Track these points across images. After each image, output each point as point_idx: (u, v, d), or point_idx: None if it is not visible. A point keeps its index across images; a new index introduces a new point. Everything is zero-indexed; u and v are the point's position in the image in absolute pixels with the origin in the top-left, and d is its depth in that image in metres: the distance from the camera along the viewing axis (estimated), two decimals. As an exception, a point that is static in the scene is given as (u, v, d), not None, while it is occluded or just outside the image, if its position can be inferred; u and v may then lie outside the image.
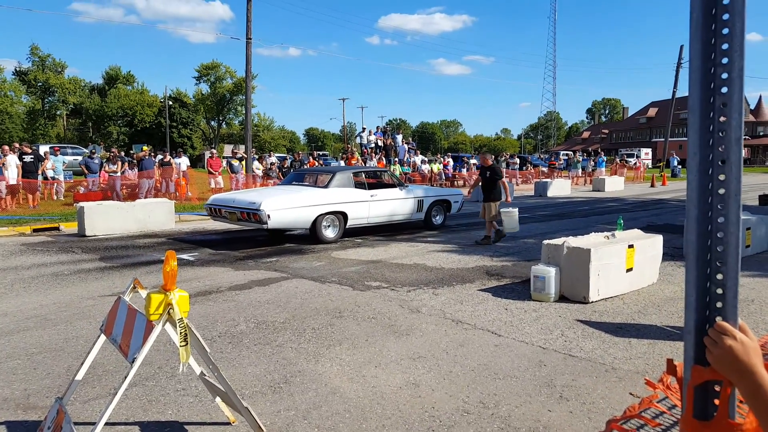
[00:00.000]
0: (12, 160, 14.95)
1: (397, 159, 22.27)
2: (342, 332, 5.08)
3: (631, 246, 6.21)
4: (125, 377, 2.45)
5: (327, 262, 8.33)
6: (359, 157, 21.35)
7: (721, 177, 0.93)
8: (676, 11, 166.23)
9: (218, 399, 3.29)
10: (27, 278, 7.28)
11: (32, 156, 16.10)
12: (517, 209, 9.93)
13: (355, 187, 10.68)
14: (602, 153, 34.38)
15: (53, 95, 59.85)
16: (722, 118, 0.95)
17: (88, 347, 4.59)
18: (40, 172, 15.98)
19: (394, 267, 8.03)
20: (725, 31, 0.96)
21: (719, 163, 0.93)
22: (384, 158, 22.16)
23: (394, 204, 11.09)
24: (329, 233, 10.11)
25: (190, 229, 12.14)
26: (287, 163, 21.32)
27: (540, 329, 5.11)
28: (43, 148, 20.70)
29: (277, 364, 4.30)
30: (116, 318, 2.73)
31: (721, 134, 0.94)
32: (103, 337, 2.83)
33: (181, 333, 2.48)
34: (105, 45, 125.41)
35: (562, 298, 6.02)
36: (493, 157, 12.01)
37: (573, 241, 6.06)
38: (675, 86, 35.50)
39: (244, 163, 19.83)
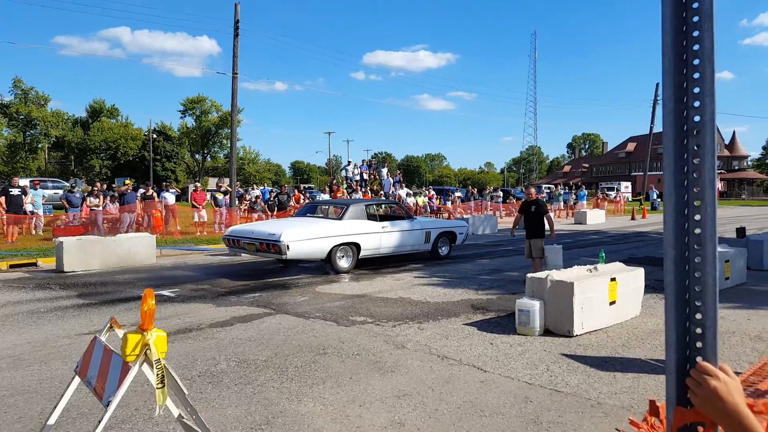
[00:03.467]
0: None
1: (382, 192, 22.37)
2: (326, 370, 4.99)
3: (613, 279, 6.25)
4: (99, 421, 2.37)
5: (311, 297, 8.24)
6: (345, 191, 21.40)
7: (697, 217, 0.94)
8: (653, 49, 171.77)
9: (196, 442, 3.18)
10: (1, 316, 7.07)
11: (19, 189, 15.88)
12: (561, 246, 9.78)
13: (368, 218, 10.92)
14: (583, 186, 34.96)
15: (35, 128, 59.50)
16: (696, 160, 0.97)
17: (63, 389, 4.44)
18: (24, 206, 15.75)
19: (379, 301, 7.97)
20: (696, 75, 0.99)
21: (694, 203, 0.95)
22: (369, 192, 22.25)
23: (403, 235, 11.40)
24: (343, 263, 10.35)
25: (171, 263, 11.97)
26: (273, 196, 21.24)
27: (525, 364, 5.08)
28: (23, 182, 20.41)
29: (259, 405, 4.20)
30: (91, 359, 2.65)
31: (695, 175, 0.96)
32: (77, 379, 2.73)
33: (157, 375, 2.40)
34: (89, 78, 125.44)
35: (546, 332, 6.00)
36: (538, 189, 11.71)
37: (556, 275, 6.08)
38: (652, 122, 36.47)
39: (228, 196, 19.75)
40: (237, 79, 19.87)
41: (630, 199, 47.64)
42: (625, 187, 54.19)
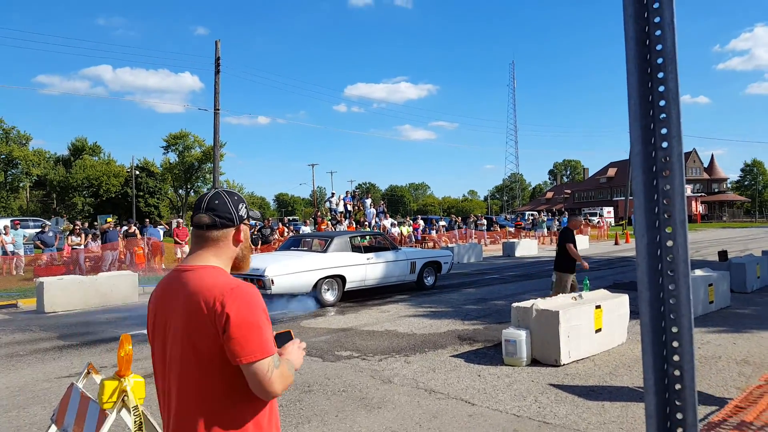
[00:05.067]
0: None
1: (366, 223, 22.36)
2: (311, 408, 4.89)
3: (598, 306, 6.26)
4: (75, 473, 2.29)
5: (296, 332, 8.12)
6: (329, 222, 21.36)
7: (669, 257, 0.96)
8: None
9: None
10: None
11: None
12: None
13: (353, 250, 10.87)
14: (566, 213, 35.26)
15: (16, 167, 58.88)
16: (666, 201, 0.98)
17: (39, 436, 4.31)
18: (0, 246, 15.50)
19: (364, 335, 7.88)
20: (663, 116, 1.01)
21: (667, 244, 0.96)
22: (354, 222, 22.22)
23: (389, 266, 11.35)
24: (329, 296, 10.27)
25: (154, 301, 11.77)
26: (256, 230, 21.09)
27: (513, 395, 5.03)
28: (3, 222, 20.12)
29: (243, 446, 4.08)
30: (68, 406, 2.57)
31: (666, 216, 0.97)
32: (54, 428, 2.65)
33: (135, 422, 2.34)
34: (71, 116, 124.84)
35: (534, 362, 5.97)
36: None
37: (541, 303, 6.08)
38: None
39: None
40: (219, 115, 20.00)
41: (613, 224, 48.15)
42: (608, 212, 54.86)
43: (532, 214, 42.43)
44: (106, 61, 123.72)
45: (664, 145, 1.01)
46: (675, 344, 0.94)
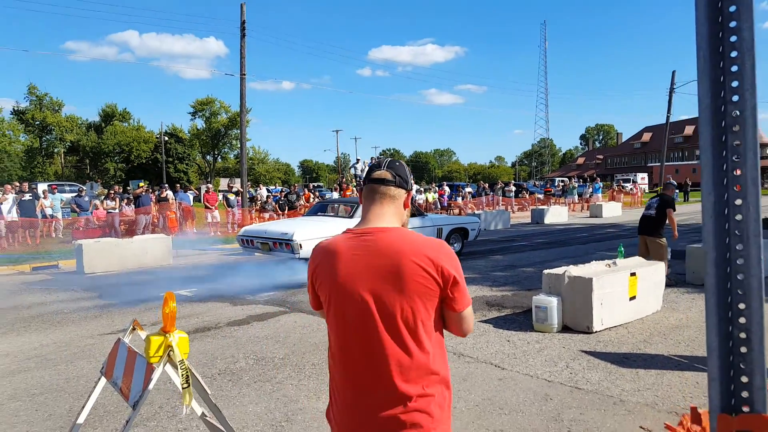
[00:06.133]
0: (11, 199, 14.98)
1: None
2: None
3: (633, 274, 6.18)
4: (127, 421, 2.39)
5: (326, 296, 8.24)
6: (354, 189, 21.38)
7: (738, 217, 0.92)
8: (668, 36, 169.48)
9: (219, 441, 3.20)
10: (27, 317, 7.21)
11: (30, 194, 16.16)
12: None
13: None
14: (598, 179, 34.49)
15: (51, 133, 60.26)
16: (735, 157, 0.94)
17: (89, 387, 4.51)
18: (38, 210, 15.98)
19: (394, 299, 7.95)
20: (734, 68, 0.95)
21: (735, 203, 0.92)
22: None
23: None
24: None
25: (187, 263, 12.05)
26: (284, 195, 21.31)
27: (544, 361, 5.04)
28: (42, 186, 20.71)
29: (278, 402, 4.22)
30: (116, 360, 2.67)
31: (735, 173, 0.94)
32: (103, 380, 2.76)
33: (182, 375, 2.43)
34: (101, 83, 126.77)
35: (564, 329, 5.96)
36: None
37: (574, 270, 6.02)
38: (669, 111, 35.68)
39: (240, 196, 19.84)
40: (245, 80, 19.92)
41: (647, 191, 46.92)
42: (642, 178, 53.26)
43: (562, 181, 41.67)
44: (133, 26, 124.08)
45: (735, 98, 0.96)
46: (741, 306, 0.92)
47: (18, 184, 16.91)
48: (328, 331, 1.81)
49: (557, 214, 22.85)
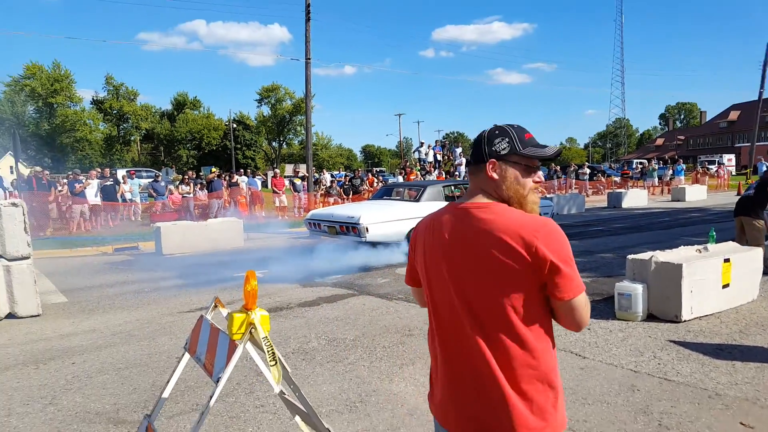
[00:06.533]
0: (95, 184, 15.90)
1: (456, 173, 21.93)
2: (413, 351, 4.92)
3: (727, 260, 5.72)
4: (211, 396, 2.40)
5: (392, 279, 8.21)
6: (418, 173, 21.21)
7: None
8: (759, 3, 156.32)
9: (297, 418, 3.19)
10: (111, 295, 7.60)
11: (112, 180, 17.09)
12: None
13: (446, 200, 10.75)
14: (680, 160, 32.47)
15: (127, 122, 63.64)
16: None
17: (170, 363, 4.68)
18: (119, 194, 16.88)
19: (463, 283, 7.80)
20: None
21: None
22: (444, 173, 21.90)
23: None
24: None
25: (258, 246, 12.35)
26: (348, 180, 21.47)
27: (629, 351, 4.76)
28: (121, 172, 21.88)
29: (351, 383, 4.20)
30: (199, 337, 2.70)
31: None
32: (187, 356, 2.80)
33: (268, 352, 2.41)
34: (172, 72, 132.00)
35: (649, 317, 5.61)
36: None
37: (661, 256, 5.64)
38: (762, 86, 32.78)
39: (305, 181, 20.15)
40: (310, 65, 20.05)
41: (734, 173, 43.80)
42: (729, 160, 49.68)
43: (640, 163, 39.57)
44: (200, 15, 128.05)
45: None
46: None
47: (99, 170, 17.88)
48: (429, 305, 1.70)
49: (636, 198, 21.71)
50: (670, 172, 28.72)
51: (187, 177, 18.32)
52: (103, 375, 4.54)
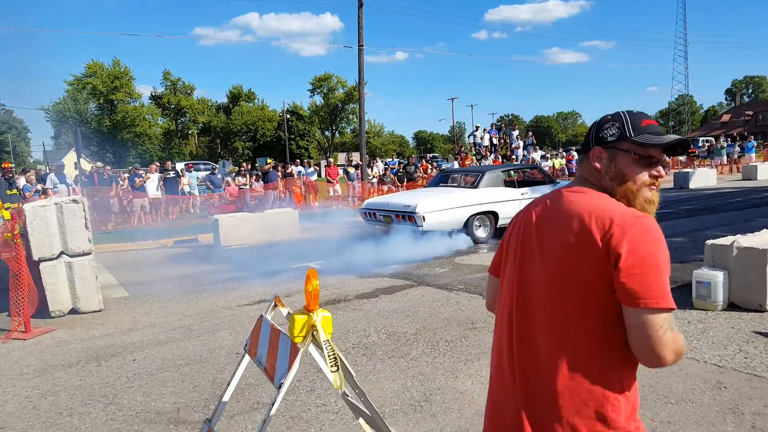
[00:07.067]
0: (155, 177, 16.39)
1: (513, 156, 21.35)
2: (478, 346, 4.74)
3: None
4: (273, 403, 2.32)
5: (451, 269, 8.02)
6: (474, 157, 20.76)
7: None
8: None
9: (361, 420, 3.10)
10: (171, 289, 7.71)
11: (174, 173, 17.56)
12: None
13: (505, 185, 10.52)
14: (751, 137, 30.49)
15: (185, 116, 65.58)
16: None
17: (230, 359, 4.68)
18: (180, 188, 17.37)
19: (524, 272, 7.52)
20: None
21: None
22: (500, 157, 21.36)
23: None
24: (481, 233, 10.07)
25: (313, 236, 12.41)
26: (402, 167, 21.26)
27: (711, 344, 4.41)
28: (179, 165, 22.54)
29: (414, 380, 4.07)
30: (260, 338, 2.62)
31: None
32: (247, 358, 2.74)
33: (330, 356, 2.30)
34: (227, 65, 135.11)
35: (731, 306, 5.20)
36: None
37: (744, 240, 5.21)
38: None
39: (359, 170, 20.10)
40: (363, 51, 19.90)
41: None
42: (803, 135, 46.45)
43: (707, 140, 37.54)
44: (253, 9, 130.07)
45: None
46: None
47: (159, 164, 18.43)
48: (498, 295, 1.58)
49: (704, 178, 20.61)
50: (739, 149, 27.05)
51: (243, 169, 18.64)
52: (163, 372, 4.55)
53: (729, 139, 30.63)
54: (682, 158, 29.03)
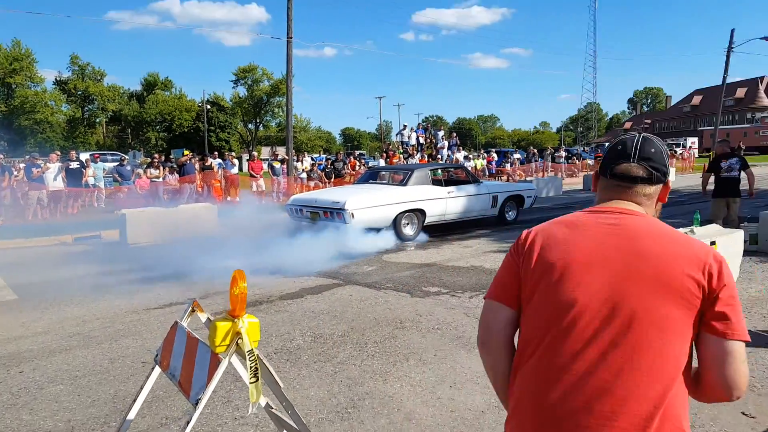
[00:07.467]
0: (55, 168, 14.96)
1: (438, 156, 21.62)
2: (407, 346, 4.61)
3: (713, 243, 5.61)
4: (188, 422, 2.02)
5: (379, 267, 7.87)
6: (401, 156, 20.81)
7: None
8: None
9: (286, 433, 2.83)
10: (69, 291, 6.87)
11: (78, 163, 16.15)
12: None
13: (433, 183, 10.50)
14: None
15: (93, 103, 61.33)
16: None
17: (135, 369, 4.21)
18: (83, 180, 16.02)
19: (450, 270, 7.51)
20: None
21: None
22: (426, 156, 21.57)
23: (470, 200, 10.90)
24: (408, 231, 9.96)
25: (233, 234, 11.78)
26: (330, 163, 20.92)
27: None
28: (84, 156, 20.83)
29: (342, 385, 3.86)
30: (173, 348, 2.29)
31: None
32: (157, 370, 2.40)
33: (251, 367, 2.03)
34: (143, 52, 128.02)
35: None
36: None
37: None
38: (725, 72, 33.35)
39: (285, 164, 19.54)
40: (292, 44, 19.30)
41: (697, 156, 44.82)
42: (692, 143, 51.05)
43: (610, 146, 40.09)
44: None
45: None
46: None
47: (60, 153, 16.90)
48: (529, 321, 1.37)
49: (612, 181, 21.95)
50: (641, 154, 29.14)
51: (155, 160, 17.52)
52: (56, 385, 4.00)
53: (632, 145, 32.77)
54: (590, 162, 30.80)
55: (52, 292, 6.85)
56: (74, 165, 15.78)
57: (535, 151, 28.68)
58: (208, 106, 59.54)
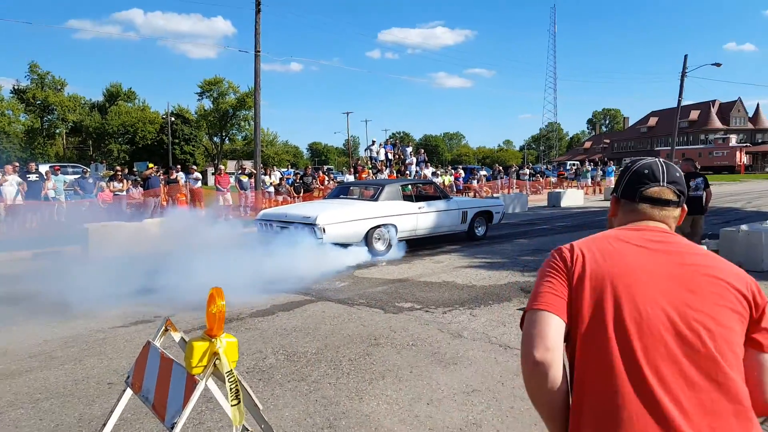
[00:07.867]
0: (13, 180, 14.41)
1: (407, 172, 21.74)
2: (382, 363, 4.54)
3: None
4: (162, 450, 1.92)
5: (351, 282, 7.79)
6: (370, 171, 20.82)
7: None
8: (676, 21, 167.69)
9: (263, 458, 2.73)
10: (28, 308, 6.57)
11: (37, 175, 15.59)
12: None
13: (404, 199, 10.49)
14: (611, 162, 33.90)
15: (52, 113, 59.49)
16: None
17: (101, 390, 4.03)
18: (43, 193, 15.46)
19: (422, 286, 7.50)
20: None
21: None
22: (395, 172, 21.64)
23: (440, 216, 10.94)
24: (379, 246, 9.90)
25: (200, 249, 11.54)
26: (299, 177, 20.77)
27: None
28: (43, 168, 20.14)
29: (317, 405, 3.77)
30: (146, 369, 2.19)
31: None
32: (129, 392, 2.29)
33: (232, 389, 1.95)
34: (105, 62, 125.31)
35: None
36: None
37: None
38: (680, 95, 35.02)
39: (253, 178, 19.28)
40: (260, 57, 19.21)
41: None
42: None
43: (574, 164, 41.21)
44: (137, 4, 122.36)
45: None
46: None
47: (17, 164, 16.27)
48: (588, 340, 1.28)
49: (574, 198, 22.55)
50: (601, 172, 30.08)
51: (119, 173, 17.06)
52: (15, 409, 3.78)
53: (592, 164, 33.85)
54: (553, 179, 31.53)
55: (10, 310, 6.53)
56: (33, 178, 15.25)
57: (501, 168, 29.19)
58: (173, 119, 58.59)
